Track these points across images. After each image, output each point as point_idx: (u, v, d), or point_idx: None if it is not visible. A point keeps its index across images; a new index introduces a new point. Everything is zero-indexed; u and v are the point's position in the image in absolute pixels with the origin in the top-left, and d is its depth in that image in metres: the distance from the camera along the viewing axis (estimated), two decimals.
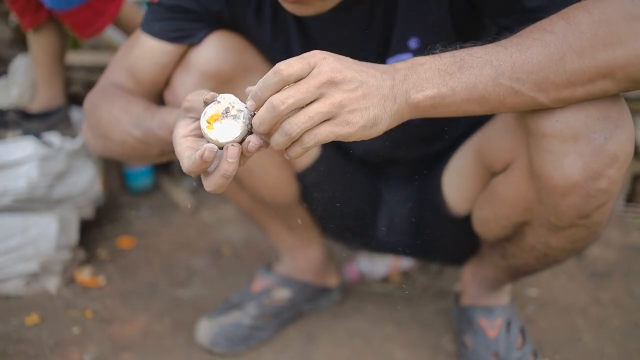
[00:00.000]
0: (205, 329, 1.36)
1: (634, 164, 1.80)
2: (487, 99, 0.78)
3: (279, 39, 1.09)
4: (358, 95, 0.72)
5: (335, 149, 1.24)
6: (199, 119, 0.78)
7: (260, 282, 1.41)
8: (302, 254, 1.41)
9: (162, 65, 1.07)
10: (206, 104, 0.76)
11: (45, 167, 1.56)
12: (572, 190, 0.87)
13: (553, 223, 0.96)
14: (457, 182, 1.17)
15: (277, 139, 0.72)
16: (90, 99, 1.10)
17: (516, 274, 1.20)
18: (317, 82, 0.70)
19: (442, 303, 1.50)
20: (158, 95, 1.12)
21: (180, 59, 1.08)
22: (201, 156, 0.71)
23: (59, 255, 1.60)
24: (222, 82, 1.08)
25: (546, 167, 0.88)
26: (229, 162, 0.72)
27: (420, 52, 1.02)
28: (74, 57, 2.01)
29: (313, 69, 0.71)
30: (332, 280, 1.50)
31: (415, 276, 1.64)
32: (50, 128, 1.64)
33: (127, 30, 1.84)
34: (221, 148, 0.73)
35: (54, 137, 1.62)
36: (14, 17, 1.85)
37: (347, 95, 0.71)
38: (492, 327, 1.25)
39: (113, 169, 2.11)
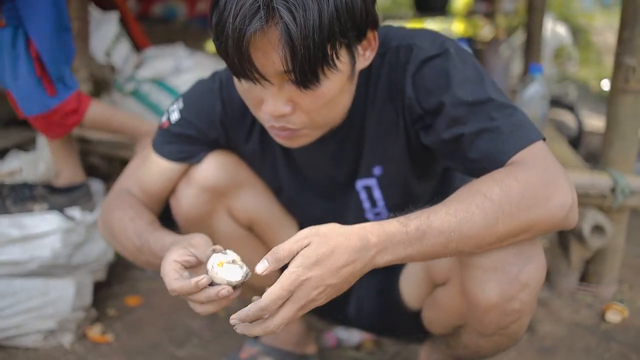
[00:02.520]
0: None
1: (584, 251, 2.03)
2: (436, 256, 1.02)
3: (266, 159, 1.35)
4: (328, 292, 0.97)
5: None
6: (193, 255, 1.05)
7: (248, 350, 1.64)
8: (284, 328, 1.63)
9: (168, 179, 1.33)
10: (214, 251, 1.01)
11: (67, 238, 1.80)
12: (491, 309, 1.12)
13: (479, 331, 1.20)
14: (410, 284, 1.42)
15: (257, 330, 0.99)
16: (107, 203, 1.34)
17: None
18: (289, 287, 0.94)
19: None
20: (164, 203, 1.37)
21: (184, 174, 1.33)
22: (197, 283, 0.98)
23: (74, 315, 1.83)
24: (218, 194, 1.34)
25: (472, 289, 1.12)
26: (227, 300, 1.00)
27: (383, 178, 1.28)
28: (93, 133, 2.26)
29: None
30: (310, 349, 1.72)
31: (386, 344, 1.87)
32: (73, 203, 1.88)
33: (98, 129, 2.02)
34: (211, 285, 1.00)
35: (75, 212, 1.87)
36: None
37: (316, 295, 0.96)
38: None
39: None
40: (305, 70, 0.96)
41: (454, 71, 1.10)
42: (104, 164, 2.29)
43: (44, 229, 1.78)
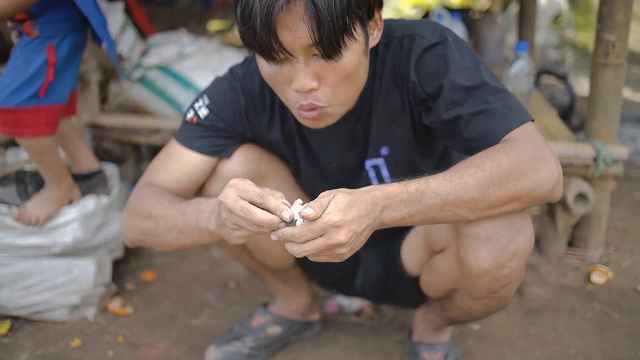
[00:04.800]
0: (212, 355, 1.73)
1: (569, 218, 2.16)
2: (434, 218, 1.13)
3: (287, 147, 1.47)
4: (352, 242, 1.06)
5: None
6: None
7: (258, 319, 1.79)
8: (293, 300, 1.79)
9: (199, 171, 1.41)
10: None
11: (87, 224, 1.95)
12: (483, 275, 1.25)
13: (472, 294, 1.34)
14: (410, 252, 1.56)
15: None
16: (137, 193, 1.38)
17: (452, 322, 1.57)
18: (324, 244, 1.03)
19: (401, 335, 1.88)
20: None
21: (213, 169, 1.43)
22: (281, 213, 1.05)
23: (96, 291, 1.99)
24: None
25: (467, 257, 1.25)
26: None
27: (389, 157, 1.42)
28: (106, 119, 2.39)
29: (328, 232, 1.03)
30: (315, 316, 1.87)
31: (384, 310, 2.02)
32: (90, 190, 2.02)
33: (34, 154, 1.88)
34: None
35: (93, 199, 2.00)
36: None
37: (341, 238, 1.03)
38: (432, 359, 1.63)
39: None
40: (331, 39, 1.08)
41: (453, 58, 1.22)
42: (117, 148, 2.42)
43: (65, 218, 1.92)
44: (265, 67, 1.18)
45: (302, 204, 1.06)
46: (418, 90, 1.27)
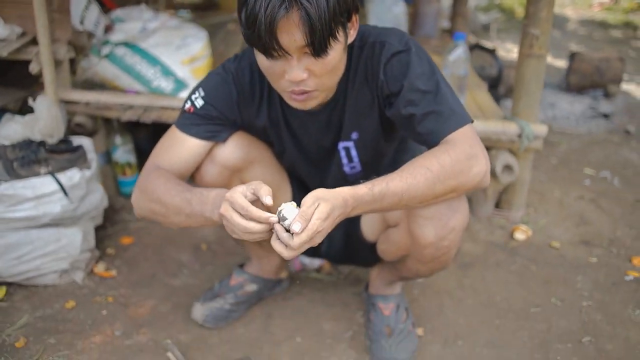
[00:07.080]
0: (199, 311, 1.99)
1: (497, 185, 2.52)
2: (391, 210, 1.42)
3: (273, 130, 1.71)
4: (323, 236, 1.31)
5: (299, 190, 1.89)
6: (254, 192, 1.32)
7: (236, 278, 2.06)
8: (266, 261, 2.06)
9: (196, 154, 1.62)
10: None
11: (73, 194, 2.14)
12: (428, 246, 1.57)
13: (420, 260, 1.66)
14: (369, 224, 1.86)
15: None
16: (146, 176, 1.56)
17: (402, 278, 1.90)
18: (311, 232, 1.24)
19: (356, 288, 2.19)
20: (186, 179, 1.66)
21: (208, 153, 1.66)
22: (268, 218, 1.28)
23: (82, 256, 2.20)
24: (235, 171, 1.70)
25: (415, 231, 1.57)
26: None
27: (358, 141, 1.68)
28: (78, 95, 2.53)
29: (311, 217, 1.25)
30: (283, 274, 2.16)
31: (340, 267, 2.33)
32: (73, 163, 2.19)
33: None
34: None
35: (77, 172, 2.18)
36: None
37: (319, 238, 1.29)
38: (386, 308, 1.95)
39: (109, 178, 2.71)
40: (320, 41, 1.32)
41: (413, 65, 1.48)
42: (88, 122, 2.57)
43: (52, 189, 2.09)
44: (263, 62, 1.40)
45: (296, 207, 1.30)
46: (384, 88, 1.53)
